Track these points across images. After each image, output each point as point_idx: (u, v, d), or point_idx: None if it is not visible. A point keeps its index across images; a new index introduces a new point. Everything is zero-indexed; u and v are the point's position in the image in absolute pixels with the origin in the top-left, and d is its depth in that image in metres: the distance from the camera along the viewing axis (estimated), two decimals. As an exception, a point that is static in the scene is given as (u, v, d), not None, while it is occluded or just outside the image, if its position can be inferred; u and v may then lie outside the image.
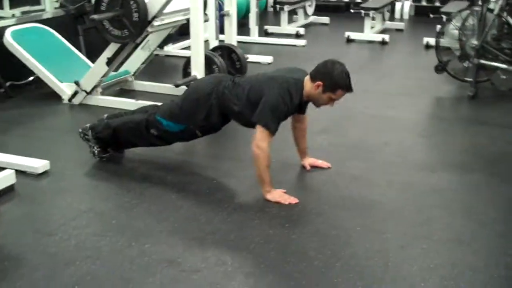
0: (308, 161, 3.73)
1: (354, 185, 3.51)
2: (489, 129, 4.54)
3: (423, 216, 3.14)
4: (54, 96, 5.12)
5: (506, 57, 5.28)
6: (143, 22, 4.49)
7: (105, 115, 3.86)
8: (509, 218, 3.15)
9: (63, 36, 5.66)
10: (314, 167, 3.72)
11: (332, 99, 3.28)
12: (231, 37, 5.29)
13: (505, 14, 5.32)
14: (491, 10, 5.28)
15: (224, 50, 5.07)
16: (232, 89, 3.40)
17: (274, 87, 3.23)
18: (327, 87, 3.21)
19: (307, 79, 3.29)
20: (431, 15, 8.88)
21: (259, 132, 3.20)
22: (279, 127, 3.25)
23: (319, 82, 3.22)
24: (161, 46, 6.37)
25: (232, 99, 3.38)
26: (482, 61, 5.31)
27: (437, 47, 5.83)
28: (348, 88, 3.24)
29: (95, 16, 4.46)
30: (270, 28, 8.61)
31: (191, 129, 3.52)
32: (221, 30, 5.40)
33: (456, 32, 5.65)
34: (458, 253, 2.77)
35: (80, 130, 3.81)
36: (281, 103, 3.20)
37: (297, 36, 8.34)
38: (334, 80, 3.20)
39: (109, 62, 4.85)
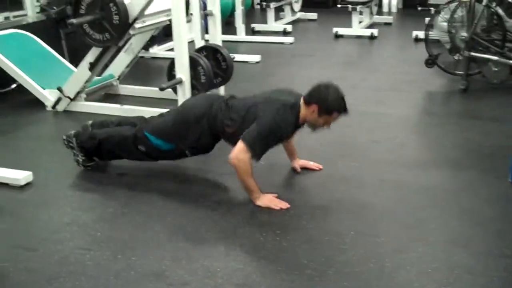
0: (299, 163, 3.64)
1: (346, 187, 3.42)
2: (481, 123, 4.46)
3: (417, 217, 3.05)
4: (38, 104, 5.01)
5: (496, 48, 5.21)
6: (124, 25, 4.38)
7: (90, 122, 3.78)
8: (505, 217, 3.07)
9: (45, 41, 5.56)
10: (304, 168, 3.63)
11: (328, 122, 3.23)
12: (216, 37, 5.19)
13: (494, 4, 5.25)
14: (480, 1, 5.21)
15: (209, 50, 4.96)
16: (225, 111, 3.32)
17: (271, 112, 3.16)
18: (323, 110, 3.16)
19: (301, 102, 3.22)
20: (419, 8, 8.78)
21: (241, 147, 3.12)
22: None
23: (314, 106, 3.16)
24: (146, 48, 6.28)
25: (225, 122, 3.31)
26: (473, 54, 5.23)
27: (427, 40, 5.76)
28: (343, 109, 3.19)
29: (74, 21, 4.33)
30: (257, 26, 8.51)
31: (180, 149, 3.45)
32: (207, 29, 5.33)
33: (445, 24, 5.57)
34: (456, 256, 2.68)
35: (64, 137, 3.73)
36: (274, 129, 3.14)
37: (285, 33, 8.25)
38: (329, 103, 3.15)
39: (92, 67, 4.74)
